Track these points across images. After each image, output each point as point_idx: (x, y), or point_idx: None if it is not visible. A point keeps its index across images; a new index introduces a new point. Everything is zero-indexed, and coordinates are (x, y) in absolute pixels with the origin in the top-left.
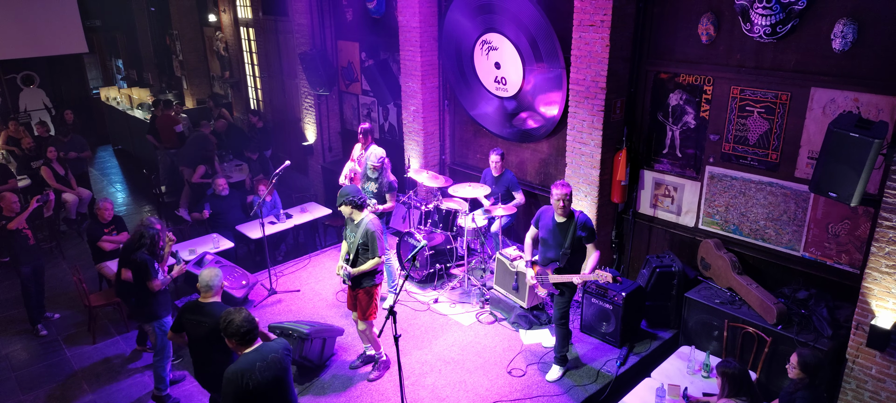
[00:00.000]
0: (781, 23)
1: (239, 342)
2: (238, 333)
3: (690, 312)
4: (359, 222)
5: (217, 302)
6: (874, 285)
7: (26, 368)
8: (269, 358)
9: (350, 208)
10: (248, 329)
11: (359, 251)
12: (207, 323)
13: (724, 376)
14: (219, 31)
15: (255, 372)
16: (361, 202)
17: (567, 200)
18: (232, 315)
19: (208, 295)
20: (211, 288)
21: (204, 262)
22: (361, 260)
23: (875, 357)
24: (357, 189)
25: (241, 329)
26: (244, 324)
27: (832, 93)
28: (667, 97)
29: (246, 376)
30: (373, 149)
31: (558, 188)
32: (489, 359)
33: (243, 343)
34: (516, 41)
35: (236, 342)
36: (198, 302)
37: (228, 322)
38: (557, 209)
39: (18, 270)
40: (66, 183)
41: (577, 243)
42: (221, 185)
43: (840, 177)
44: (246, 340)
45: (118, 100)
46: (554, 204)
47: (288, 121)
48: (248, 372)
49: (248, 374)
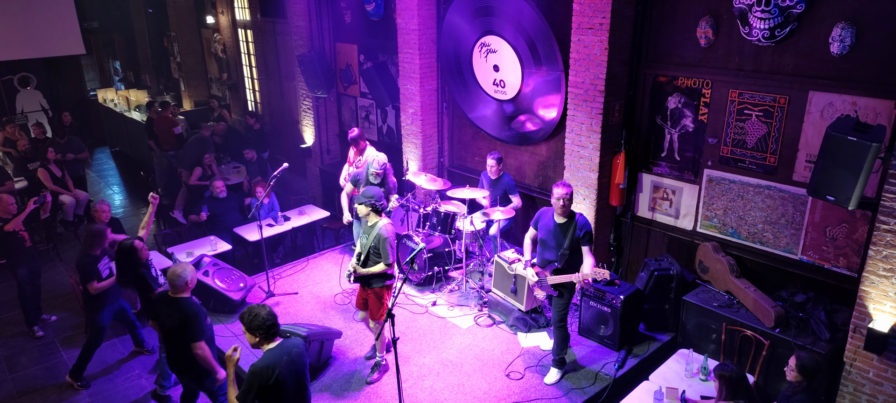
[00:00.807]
0: (780, 26)
1: (264, 337)
2: (263, 327)
3: (688, 315)
4: (373, 225)
5: (187, 298)
6: (871, 288)
7: (23, 370)
8: (293, 354)
9: (368, 209)
10: (272, 323)
11: (370, 254)
12: (176, 317)
13: (721, 379)
14: (217, 32)
15: (282, 367)
16: (382, 208)
17: (567, 200)
18: (256, 309)
19: (177, 291)
20: (178, 284)
21: (201, 265)
22: (372, 263)
23: (873, 361)
24: (381, 193)
25: (266, 323)
26: (268, 319)
27: (830, 97)
28: (665, 100)
29: (271, 371)
30: (374, 155)
31: (559, 187)
32: (487, 362)
33: (268, 338)
34: (515, 44)
35: (261, 336)
36: (169, 295)
37: (253, 316)
38: (557, 209)
39: (15, 272)
40: (63, 185)
41: (576, 245)
42: (219, 188)
43: (838, 181)
44: (270, 335)
45: (115, 102)
46: (554, 204)
47: (286, 124)
48: (274, 368)
49: (274, 369)
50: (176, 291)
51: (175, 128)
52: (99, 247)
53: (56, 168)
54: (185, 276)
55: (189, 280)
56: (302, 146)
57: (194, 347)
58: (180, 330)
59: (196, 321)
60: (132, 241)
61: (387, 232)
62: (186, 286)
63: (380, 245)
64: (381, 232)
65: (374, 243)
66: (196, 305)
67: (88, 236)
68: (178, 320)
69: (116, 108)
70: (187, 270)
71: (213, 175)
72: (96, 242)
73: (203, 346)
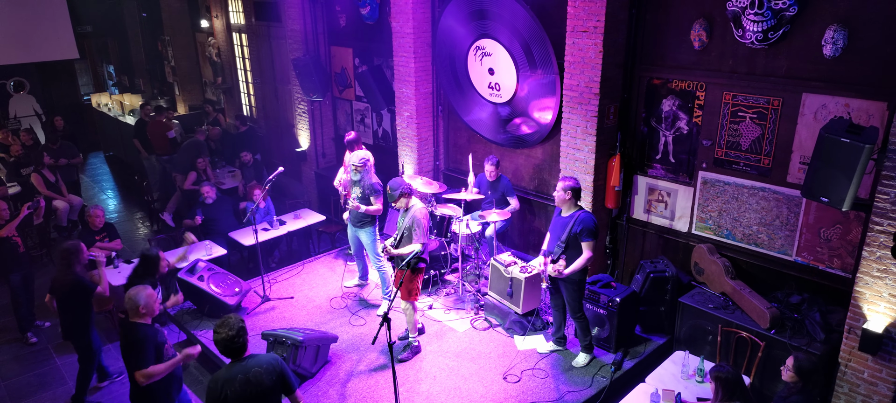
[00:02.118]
0: (773, 29)
1: (226, 354)
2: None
3: (684, 317)
4: (408, 209)
5: (139, 323)
6: (866, 289)
7: (16, 377)
8: (251, 373)
9: (403, 199)
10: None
11: (403, 235)
12: (124, 343)
13: (717, 380)
14: (211, 36)
15: (235, 385)
16: (408, 190)
17: (562, 192)
18: (227, 324)
19: (131, 315)
20: (129, 308)
21: (196, 269)
22: (405, 244)
23: (867, 361)
24: (401, 181)
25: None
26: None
27: (823, 99)
28: (660, 103)
29: (225, 387)
30: (357, 152)
31: (561, 181)
32: (484, 365)
33: (230, 355)
34: (510, 47)
35: (220, 350)
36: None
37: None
38: (558, 201)
39: (7, 278)
40: (56, 190)
41: (573, 239)
42: (206, 193)
43: (832, 182)
44: (232, 353)
45: (110, 107)
46: (555, 196)
47: (281, 127)
48: (228, 383)
49: (229, 385)
50: (130, 316)
51: (169, 132)
52: (78, 264)
53: (49, 173)
54: (136, 300)
55: (141, 304)
56: (297, 150)
57: (136, 374)
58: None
59: (134, 350)
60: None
61: (421, 215)
62: (140, 311)
63: (413, 225)
64: (414, 214)
65: (408, 224)
66: (140, 333)
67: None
68: (124, 346)
69: (111, 113)
70: (140, 294)
71: (208, 179)
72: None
73: (144, 372)
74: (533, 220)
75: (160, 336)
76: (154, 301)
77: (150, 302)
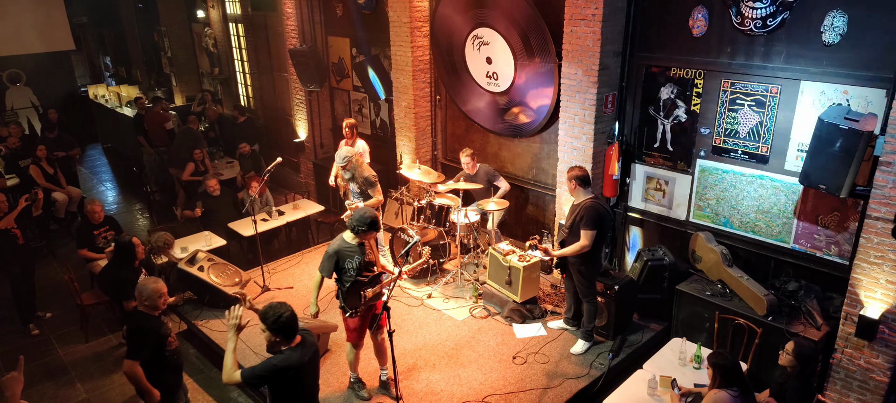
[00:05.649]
0: (772, 15)
1: (285, 337)
2: (285, 329)
3: (682, 304)
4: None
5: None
6: (863, 275)
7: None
8: (308, 353)
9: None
10: (294, 326)
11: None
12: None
13: (715, 367)
14: (208, 27)
15: (302, 367)
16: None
17: (569, 182)
18: (279, 310)
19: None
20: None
21: (196, 260)
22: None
23: (863, 348)
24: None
25: (288, 325)
26: (291, 321)
27: (822, 87)
28: (658, 90)
29: (288, 370)
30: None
31: (566, 172)
32: (483, 353)
33: (288, 338)
34: (507, 36)
35: (282, 337)
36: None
37: (277, 317)
38: (569, 192)
39: (7, 270)
40: (55, 181)
41: (575, 227)
42: (212, 186)
43: (830, 170)
44: (291, 336)
45: (106, 98)
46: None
47: (279, 118)
48: (291, 368)
49: (291, 370)
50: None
51: (166, 123)
52: (136, 260)
53: (47, 165)
54: (142, 291)
55: (145, 295)
56: (295, 140)
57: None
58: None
59: (134, 338)
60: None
61: None
62: (141, 300)
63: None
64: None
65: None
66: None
67: (120, 251)
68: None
69: (108, 104)
70: (147, 286)
71: (206, 170)
72: (132, 255)
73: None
74: (531, 209)
75: (164, 329)
76: (158, 296)
77: (154, 297)
